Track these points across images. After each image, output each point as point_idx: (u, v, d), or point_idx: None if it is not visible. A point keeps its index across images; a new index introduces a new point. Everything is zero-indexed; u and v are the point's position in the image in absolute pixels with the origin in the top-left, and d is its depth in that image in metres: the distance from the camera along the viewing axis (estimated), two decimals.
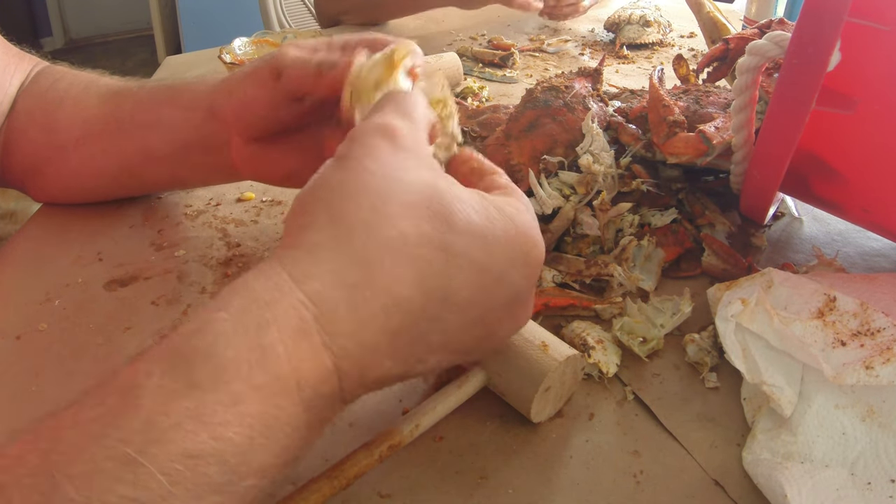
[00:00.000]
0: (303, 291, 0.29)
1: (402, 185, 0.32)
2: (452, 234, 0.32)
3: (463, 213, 0.33)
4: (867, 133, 0.50)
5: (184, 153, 0.58)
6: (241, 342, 0.28)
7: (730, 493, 0.40)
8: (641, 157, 0.62)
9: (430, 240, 0.32)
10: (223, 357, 0.27)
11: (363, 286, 0.30)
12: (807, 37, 0.44)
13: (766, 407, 0.43)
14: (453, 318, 0.33)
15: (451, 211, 0.33)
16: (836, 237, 0.61)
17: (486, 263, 0.33)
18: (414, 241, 0.31)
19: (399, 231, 0.31)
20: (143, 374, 0.27)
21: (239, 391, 0.27)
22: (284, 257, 0.31)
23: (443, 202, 0.33)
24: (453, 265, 0.32)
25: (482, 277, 0.33)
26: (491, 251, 0.33)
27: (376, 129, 0.34)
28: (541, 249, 0.37)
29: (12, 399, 0.46)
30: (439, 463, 0.42)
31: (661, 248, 0.57)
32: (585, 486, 0.41)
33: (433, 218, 0.32)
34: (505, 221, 0.34)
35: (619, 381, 0.48)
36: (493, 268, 0.34)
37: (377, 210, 0.31)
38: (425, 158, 0.35)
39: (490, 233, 0.34)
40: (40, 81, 0.64)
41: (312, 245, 0.31)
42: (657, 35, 1.09)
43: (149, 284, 0.58)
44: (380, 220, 0.31)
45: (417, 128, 0.36)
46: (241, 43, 0.93)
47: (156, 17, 3.10)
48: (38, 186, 0.65)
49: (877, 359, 0.40)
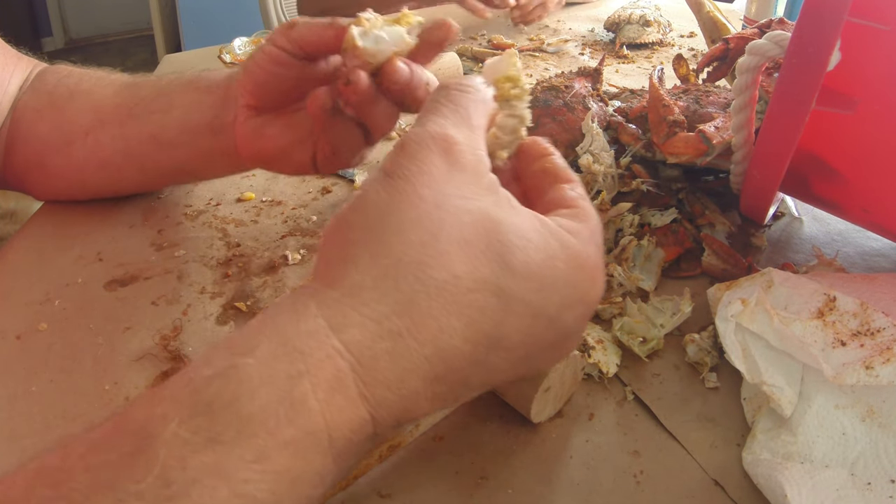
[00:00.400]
0: (340, 340, 0.27)
1: (457, 218, 0.29)
2: (509, 277, 0.29)
3: (522, 251, 0.30)
4: (867, 133, 0.50)
5: (192, 137, 0.58)
6: (269, 393, 0.25)
7: (730, 493, 0.40)
8: (641, 157, 0.62)
9: (485, 284, 0.29)
10: (248, 409, 0.25)
11: (407, 336, 0.28)
12: (807, 37, 0.44)
13: (766, 407, 0.43)
14: (498, 361, 0.31)
15: (510, 249, 0.30)
16: (836, 237, 0.61)
17: (541, 307, 0.31)
18: (467, 285, 0.29)
19: (451, 274, 0.28)
20: (159, 420, 0.25)
21: (264, 446, 0.25)
22: (321, 297, 0.28)
23: (501, 239, 0.30)
24: (506, 311, 0.30)
25: (535, 322, 0.31)
26: (547, 295, 0.31)
27: (431, 141, 0.31)
28: (600, 288, 0.34)
29: (12, 399, 0.46)
30: (439, 463, 0.42)
31: (661, 248, 0.57)
32: (585, 486, 0.41)
33: (490, 259, 0.29)
34: (567, 259, 0.31)
35: (619, 381, 0.48)
36: (548, 311, 0.31)
37: (428, 247, 0.28)
38: (484, 178, 0.32)
39: (549, 274, 0.31)
40: (47, 79, 0.65)
41: (353, 286, 0.28)
42: (657, 35, 1.09)
43: (149, 284, 0.58)
44: (430, 259, 0.28)
45: (477, 136, 0.33)
46: (241, 43, 0.93)
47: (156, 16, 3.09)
48: (41, 182, 0.65)
49: (877, 359, 0.40)
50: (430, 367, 0.28)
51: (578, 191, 0.36)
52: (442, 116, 0.32)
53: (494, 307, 0.29)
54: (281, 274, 0.58)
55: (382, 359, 0.27)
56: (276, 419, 0.25)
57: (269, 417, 0.25)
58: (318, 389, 0.26)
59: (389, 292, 0.28)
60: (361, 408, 0.27)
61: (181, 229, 0.65)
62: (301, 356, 0.26)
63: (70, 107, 0.62)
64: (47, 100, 0.63)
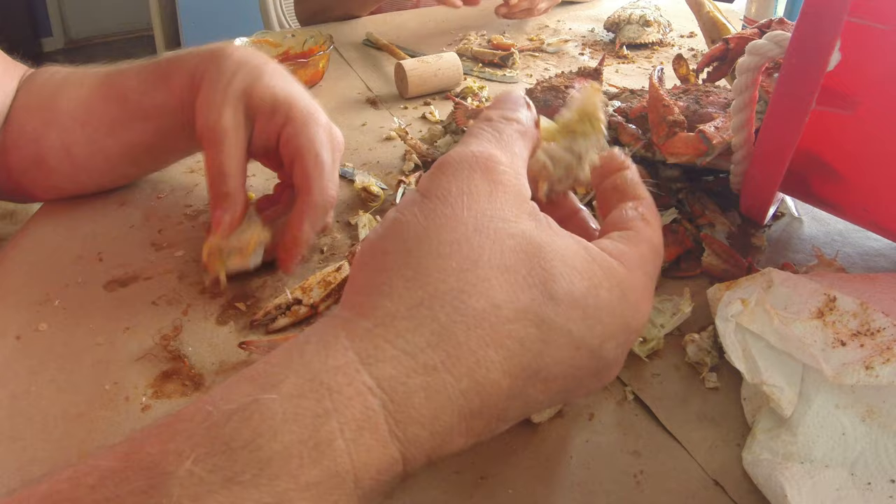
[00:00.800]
0: (372, 376, 0.25)
1: (498, 243, 0.27)
2: (551, 306, 0.28)
3: (565, 278, 0.28)
4: (867, 133, 0.50)
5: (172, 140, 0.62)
6: (292, 433, 0.24)
7: (730, 493, 0.40)
8: (641, 157, 0.62)
9: (526, 314, 0.27)
10: (270, 448, 0.23)
11: (443, 370, 0.26)
12: (807, 37, 0.44)
13: (766, 407, 0.43)
14: (536, 394, 0.29)
15: (553, 276, 0.28)
16: (836, 237, 0.61)
17: (583, 338, 0.29)
18: (507, 315, 0.27)
19: (491, 303, 0.27)
20: (174, 457, 0.23)
21: (285, 490, 0.23)
22: (351, 328, 0.26)
23: (543, 265, 0.28)
24: (547, 342, 0.28)
25: (577, 353, 0.29)
26: (591, 325, 0.29)
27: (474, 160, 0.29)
28: (644, 316, 0.32)
29: (12, 399, 0.46)
30: (439, 463, 0.42)
31: None
32: (585, 486, 0.41)
33: (531, 285, 0.27)
34: (611, 288, 0.30)
35: (619, 381, 0.48)
36: (590, 342, 0.29)
37: (466, 274, 0.27)
38: (526, 202, 0.30)
39: (592, 303, 0.29)
40: (35, 79, 0.66)
41: (386, 315, 0.26)
42: (657, 35, 1.09)
43: (149, 284, 0.58)
44: (469, 287, 0.27)
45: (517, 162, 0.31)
46: (241, 43, 0.93)
47: (156, 17, 3.09)
48: (40, 180, 0.65)
49: (877, 359, 0.40)
50: (465, 401, 0.27)
51: (641, 210, 0.34)
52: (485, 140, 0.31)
53: (535, 338, 0.27)
54: (280, 273, 0.58)
55: (417, 395, 0.26)
56: (300, 460, 0.23)
57: (292, 458, 0.23)
58: (345, 429, 0.24)
59: (425, 322, 0.26)
60: (392, 447, 0.25)
61: (181, 229, 0.65)
62: (329, 393, 0.25)
63: (60, 100, 0.62)
64: (37, 98, 0.63)
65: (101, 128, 0.61)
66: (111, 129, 0.61)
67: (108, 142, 0.62)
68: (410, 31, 1.19)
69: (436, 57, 0.91)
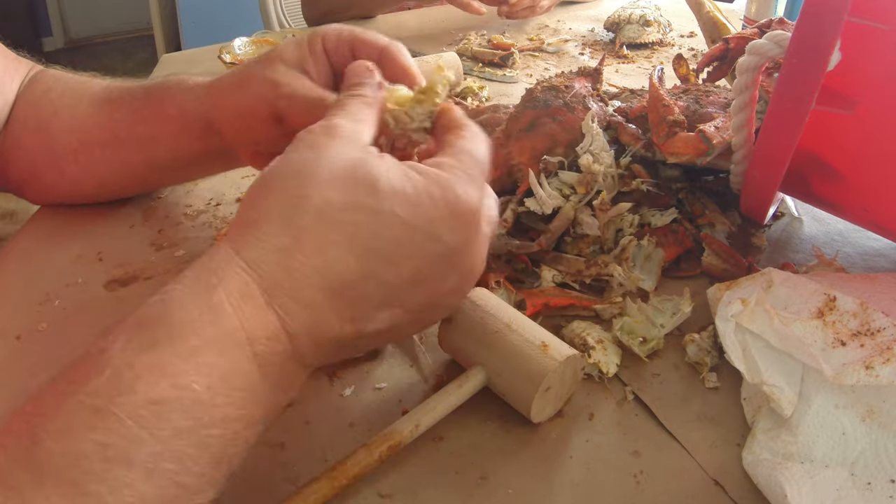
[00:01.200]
0: (243, 259, 0.33)
1: (328, 162, 0.35)
2: (377, 197, 0.35)
3: (386, 177, 0.35)
4: (867, 133, 0.50)
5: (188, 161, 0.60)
6: (192, 304, 0.31)
7: (730, 493, 0.40)
8: (641, 157, 0.62)
9: (356, 204, 0.34)
10: (178, 317, 0.31)
11: (294, 250, 0.33)
12: (807, 37, 0.44)
13: (766, 407, 0.43)
14: (389, 273, 0.35)
15: (375, 176, 0.35)
16: (836, 237, 0.61)
17: (412, 219, 0.35)
18: (339, 206, 0.34)
19: (326, 200, 0.34)
20: (110, 341, 0.30)
21: (194, 345, 0.30)
22: (229, 237, 0.35)
23: (368, 170, 0.35)
24: (381, 223, 0.35)
25: (411, 233, 0.35)
26: (415, 209, 0.35)
27: (319, 127, 0.38)
28: (468, 204, 0.37)
29: (12, 399, 0.46)
30: (439, 463, 0.42)
31: (661, 248, 0.57)
32: (585, 486, 0.41)
33: (358, 185, 0.35)
34: (427, 183, 0.36)
35: (619, 381, 0.48)
36: (419, 223, 0.35)
37: (304, 185, 0.34)
38: (359, 143, 0.38)
39: (412, 191, 0.36)
40: (34, 89, 0.64)
41: (249, 221, 0.35)
42: (657, 35, 1.09)
43: (149, 284, 0.58)
44: (307, 192, 0.34)
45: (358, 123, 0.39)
46: (241, 43, 0.93)
47: (156, 16, 3.09)
48: (36, 191, 0.66)
49: (877, 359, 0.40)
50: (321, 278, 0.33)
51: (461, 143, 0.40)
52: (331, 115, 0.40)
53: (367, 221, 0.34)
54: None
55: (277, 271, 0.33)
56: (201, 322, 0.31)
57: (195, 322, 0.31)
58: (231, 297, 0.32)
59: (276, 220, 0.34)
60: (270, 314, 0.32)
61: (181, 229, 0.65)
62: (214, 273, 0.33)
63: (54, 123, 0.62)
64: (33, 112, 0.63)
65: (93, 153, 0.61)
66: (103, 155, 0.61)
67: (99, 167, 0.62)
68: (410, 31, 1.19)
69: (436, 57, 0.91)
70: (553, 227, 0.56)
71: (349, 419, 0.45)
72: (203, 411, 0.30)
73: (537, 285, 0.54)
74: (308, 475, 0.39)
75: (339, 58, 0.52)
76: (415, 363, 0.49)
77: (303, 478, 0.39)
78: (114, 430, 0.28)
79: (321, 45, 0.52)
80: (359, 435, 0.44)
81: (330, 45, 0.52)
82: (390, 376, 0.48)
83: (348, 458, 0.39)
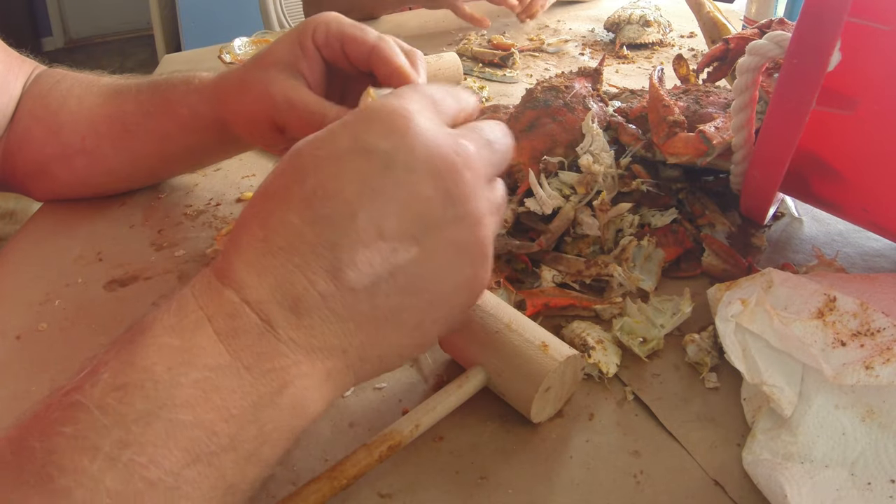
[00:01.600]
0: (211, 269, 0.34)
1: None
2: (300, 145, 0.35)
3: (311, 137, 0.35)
4: (867, 133, 0.50)
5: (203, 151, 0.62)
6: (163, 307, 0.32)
7: (730, 493, 0.40)
8: (641, 157, 0.62)
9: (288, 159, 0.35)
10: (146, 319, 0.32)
11: (240, 228, 0.34)
12: (807, 37, 0.44)
13: (766, 407, 0.43)
14: (330, 212, 0.32)
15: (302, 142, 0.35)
16: (836, 237, 0.61)
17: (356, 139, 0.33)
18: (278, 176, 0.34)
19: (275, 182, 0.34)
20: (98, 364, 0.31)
21: (156, 334, 0.31)
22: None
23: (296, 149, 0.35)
24: (320, 149, 0.34)
25: (365, 159, 0.33)
26: (357, 131, 0.34)
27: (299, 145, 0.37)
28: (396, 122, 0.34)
29: (12, 399, 0.46)
30: (439, 463, 0.42)
31: (661, 248, 0.57)
32: (585, 486, 0.41)
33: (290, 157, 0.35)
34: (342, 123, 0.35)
35: (619, 381, 0.48)
36: (368, 142, 0.33)
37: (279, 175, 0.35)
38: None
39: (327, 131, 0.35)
40: (41, 83, 0.65)
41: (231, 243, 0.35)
42: (657, 35, 1.09)
43: (149, 284, 0.58)
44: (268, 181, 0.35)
45: None
46: (241, 43, 0.93)
47: (156, 16, 3.09)
48: (43, 185, 0.66)
49: (877, 359, 0.40)
50: (261, 229, 0.33)
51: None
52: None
53: (295, 168, 0.34)
54: None
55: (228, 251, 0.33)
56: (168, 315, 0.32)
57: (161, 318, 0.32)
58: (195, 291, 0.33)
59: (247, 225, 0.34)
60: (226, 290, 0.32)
61: (181, 229, 0.65)
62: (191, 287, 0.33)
63: (63, 113, 0.62)
64: (42, 104, 0.63)
65: (102, 144, 0.62)
66: (113, 147, 0.62)
67: (109, 158, 0.62)
68: (411, 31, 1.19)
69: (436, 57, 0.91)
70: (553, 228, 0.56)
71: (349, 419, 0.45)
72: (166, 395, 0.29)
73: (537, 285, 0.54)
74: (308, 475, 0.39)
75: (331, 51, 0.53)
76: (415, 363, 0.49)
77: (303, 478, 0.40)
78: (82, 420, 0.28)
79: (312, 42, 0.52)
80: (359, 435, 0.44)
81: (320, 40, 0.53)
82: (390, 376, 0.48)
83: (348, 457, 0.39)
